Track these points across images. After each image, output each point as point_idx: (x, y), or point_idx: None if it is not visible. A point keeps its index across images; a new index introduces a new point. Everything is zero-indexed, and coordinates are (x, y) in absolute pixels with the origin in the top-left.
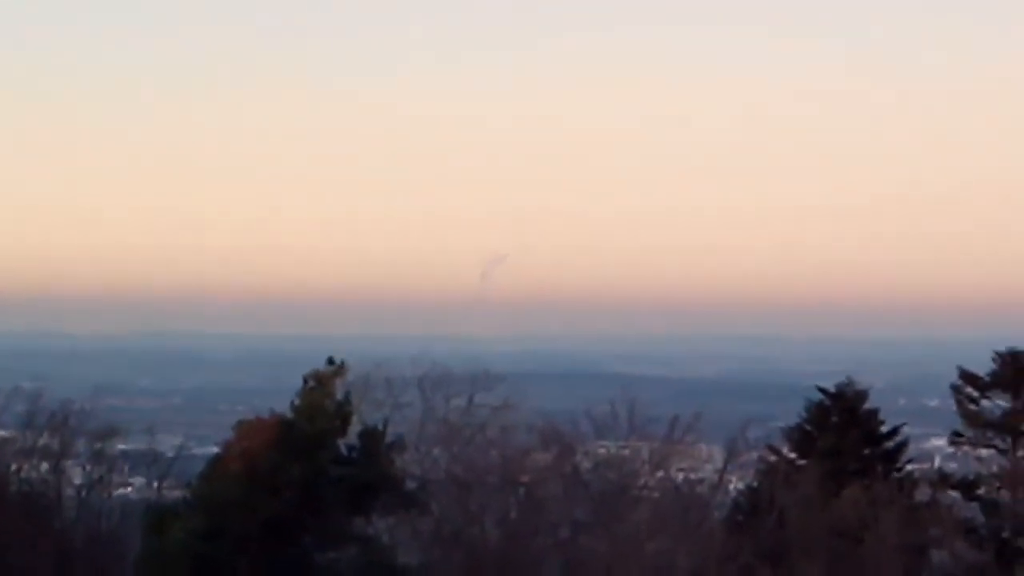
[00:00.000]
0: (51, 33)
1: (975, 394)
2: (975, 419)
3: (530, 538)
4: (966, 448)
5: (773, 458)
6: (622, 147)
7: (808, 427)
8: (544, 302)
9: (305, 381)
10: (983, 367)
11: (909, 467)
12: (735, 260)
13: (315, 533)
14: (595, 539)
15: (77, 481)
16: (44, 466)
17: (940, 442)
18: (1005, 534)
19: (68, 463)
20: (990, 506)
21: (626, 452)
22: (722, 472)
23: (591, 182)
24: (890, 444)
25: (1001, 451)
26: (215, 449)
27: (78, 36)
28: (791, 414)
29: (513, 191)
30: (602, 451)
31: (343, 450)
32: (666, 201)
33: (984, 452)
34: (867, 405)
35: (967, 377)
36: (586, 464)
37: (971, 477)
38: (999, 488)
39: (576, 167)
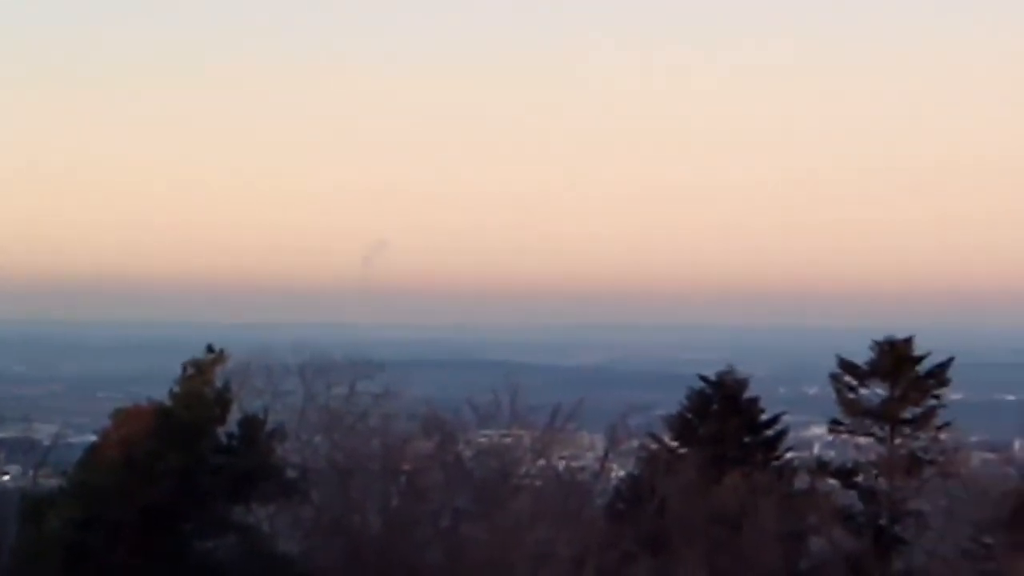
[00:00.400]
0: None
1: (854, 383)
2: (853, 407)
3: (411, 526)
4: (845, 436)
5: (654, 446)
6: (508, 129)
7: (689, 415)
8: (427, 289)
9: (184, 369)
10: (862, 356)
11: (789, 455)
12: (608, 248)
13: (194, 521)
14: (477, 527)
15: None
16: None
17: (819, 430)
18: (882, 521)
19: None
20: (868, 493)
21: (508, 440)
22: (603, 460)
23: (475, 167)
24: (770, 432)
25: (879, 439)
26: (93, 437)
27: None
28: (672, 402)
29: (395, 176)
30: (484, 439)
31: (222, 438)
32: (544, 186)
33: (862, 440)
34: (747, 393)
35: (846, 366)
36: (468, 452)
37: (849, 465)
38: (877, 476)
39: (463, 151)
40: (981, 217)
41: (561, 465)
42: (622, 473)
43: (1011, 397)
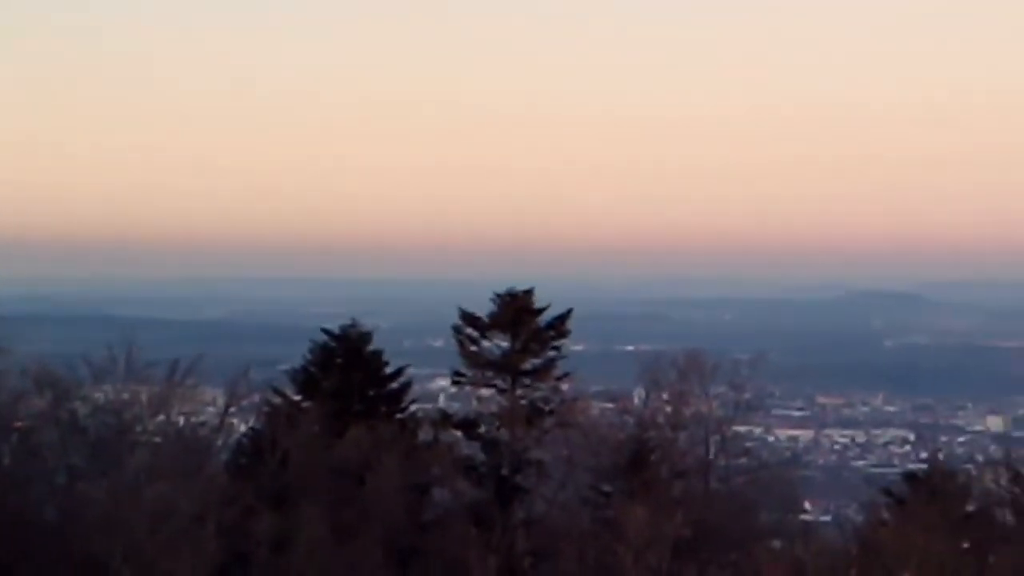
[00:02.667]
0: None
1: (475, 335)
2: (476, 359)
3: (25, 485)
4: (468, 388)
5: (277, 400)
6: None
7: (312, 369)
8: (47, 243)
9: None
10: (484, 308)
11: (413, 407)
12: (224, 202)
13: None
14: (93, 485)
15: None
16: None
17: (444, 382)
18: (504, 471)
19: None
20: (490, 444)
21: (125, 397)
22: (224, 415)
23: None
24: (394, 385)
25: (501, 390)
26: None
27: None
28: (296, 356)
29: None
30: (100, 396)
31: None
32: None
33: (485, 391)
34: (371, 346)
35: (467, 318)
36: (83, 409)
37: (472, 416)
38: (499, 427)
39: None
40: (592, 171)
41: (181, 421)
42: (244, 428)
43: (630, 348)
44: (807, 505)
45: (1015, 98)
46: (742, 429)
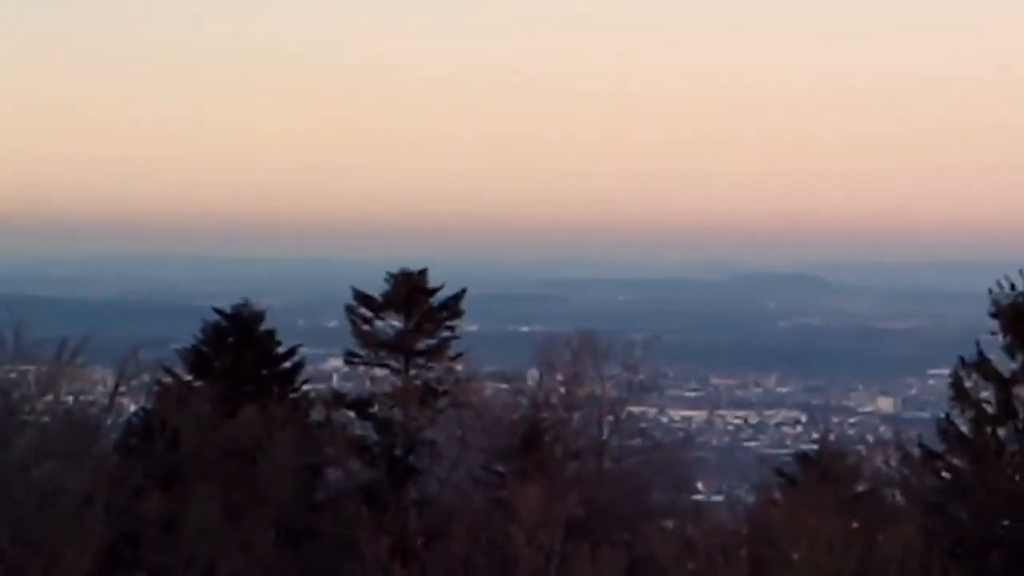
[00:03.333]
0: None
1: (369, 315)
2: (369, 339)
3: None
4: (361, 368)
5: (167, 380)
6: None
7: (204, 348)
8: None
9: None
10: (378, 288)
11: (306, 387)
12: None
13: None
14: None
15: None
16: None
17: (337, 362)
18: (397, 451)
19: None
20: (383, 424)
21: (13, 376)
22: (113, 395)
23: None
24: (287, 365)
25: (394, 370)
26: None
27: None
28: (188, 336)
29: None
30: None
31: None
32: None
33: (378, 372)
34: (264, 326)
35: (361, 298)
36: None
37: (365, 396)
38: (392, 406)
39: None
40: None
41: (70, 400)
42: (134, 408)
43: (525, 328)
44: (700, 485)
45: (903, 83)
46: (636, 410)
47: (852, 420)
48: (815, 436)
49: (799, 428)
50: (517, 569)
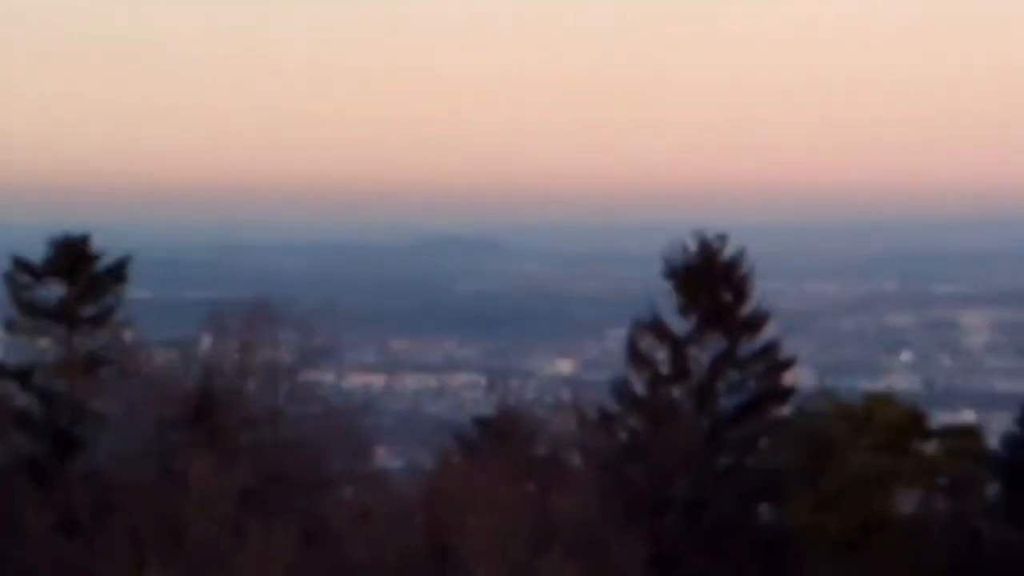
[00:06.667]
0: None
1: (29, 282)
2: (30, 308)
3: None
4: (23, 337)
5: None
6: None
7: None
8: None
9: None
10: (39, 254)
11: None
12: None
13: None
14: None
15: None
16: None
17: None
18: (62, 423)
19: None
20: (46, 396)
21: None
22: None
23: None
24: None
25: (58, 339)
26: None
27: None
28: None
29: None
30: None
31: None
32: None
33: (41, 341)
34: None
35: (20, 265)
36: None
37: (26, 366)
38: (55, 376)
39: None
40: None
41: None
42: None
43: (198, 294)
44: (380, 452)
45: (561, 35)
46: (313, 376)
47: (533, 383)
48: (495, 400)
49: (480, 392)
50: (188, 541)
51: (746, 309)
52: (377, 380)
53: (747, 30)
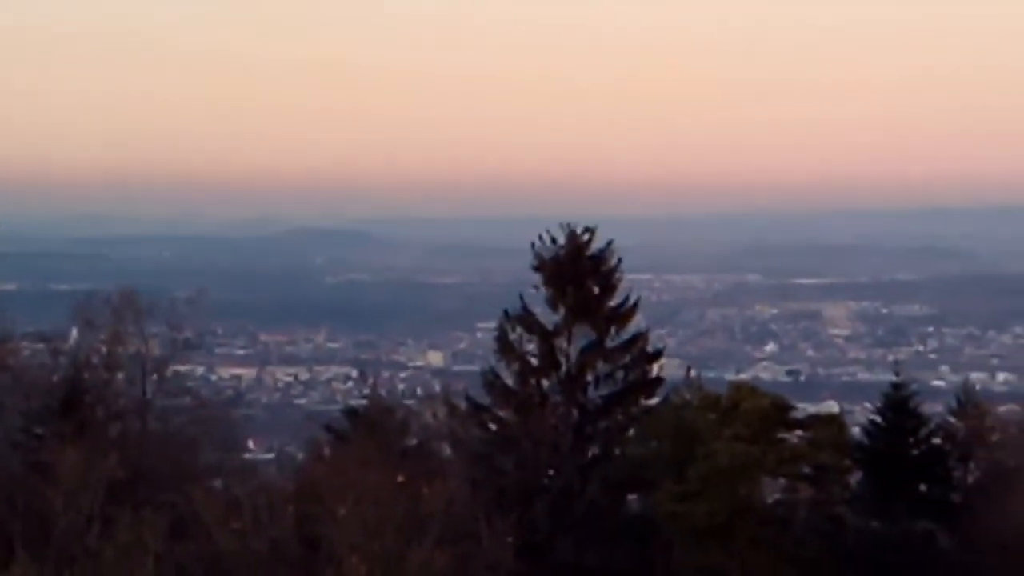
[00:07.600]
0: None
1: None
2: None
3: None
4: None
5: None
6: None
7: None
8: None
9: None
10: None
11: None
12: None
13: None
14: None
15: None
16: None
17: None
18: None
19: None
20: None
21: None
22: None
23: None
24: None
25: None
26: None
27: None
28: None
29: None
30: None
31: None
32: None
33: None
34: None
35: None
36: None
37: None
38: None
39: None
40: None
41: None
42: None
43: (65, 287)
44: (250, 444)
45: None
46: (182, 368)
47: (403, 374)
48: (365, 391)
49: (350, 384)
50: (55, 533)
51: (614, 301)
52: (247, 372)
53: (619, 31)
